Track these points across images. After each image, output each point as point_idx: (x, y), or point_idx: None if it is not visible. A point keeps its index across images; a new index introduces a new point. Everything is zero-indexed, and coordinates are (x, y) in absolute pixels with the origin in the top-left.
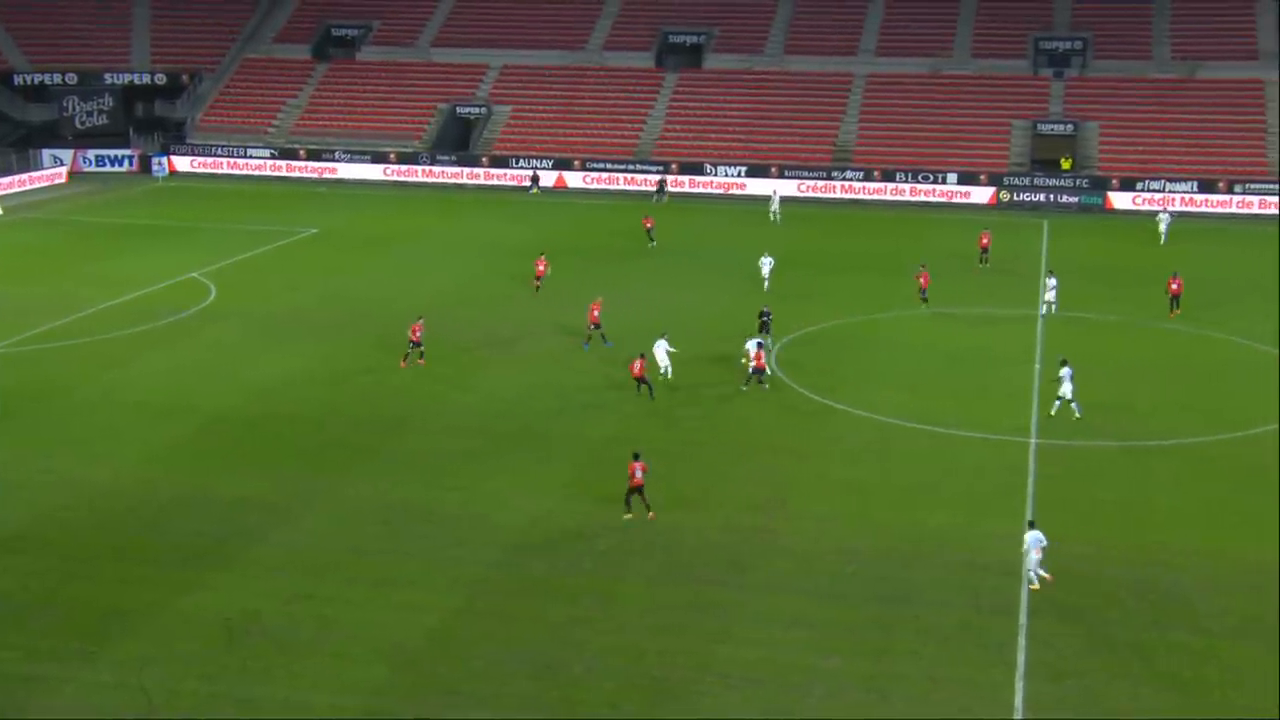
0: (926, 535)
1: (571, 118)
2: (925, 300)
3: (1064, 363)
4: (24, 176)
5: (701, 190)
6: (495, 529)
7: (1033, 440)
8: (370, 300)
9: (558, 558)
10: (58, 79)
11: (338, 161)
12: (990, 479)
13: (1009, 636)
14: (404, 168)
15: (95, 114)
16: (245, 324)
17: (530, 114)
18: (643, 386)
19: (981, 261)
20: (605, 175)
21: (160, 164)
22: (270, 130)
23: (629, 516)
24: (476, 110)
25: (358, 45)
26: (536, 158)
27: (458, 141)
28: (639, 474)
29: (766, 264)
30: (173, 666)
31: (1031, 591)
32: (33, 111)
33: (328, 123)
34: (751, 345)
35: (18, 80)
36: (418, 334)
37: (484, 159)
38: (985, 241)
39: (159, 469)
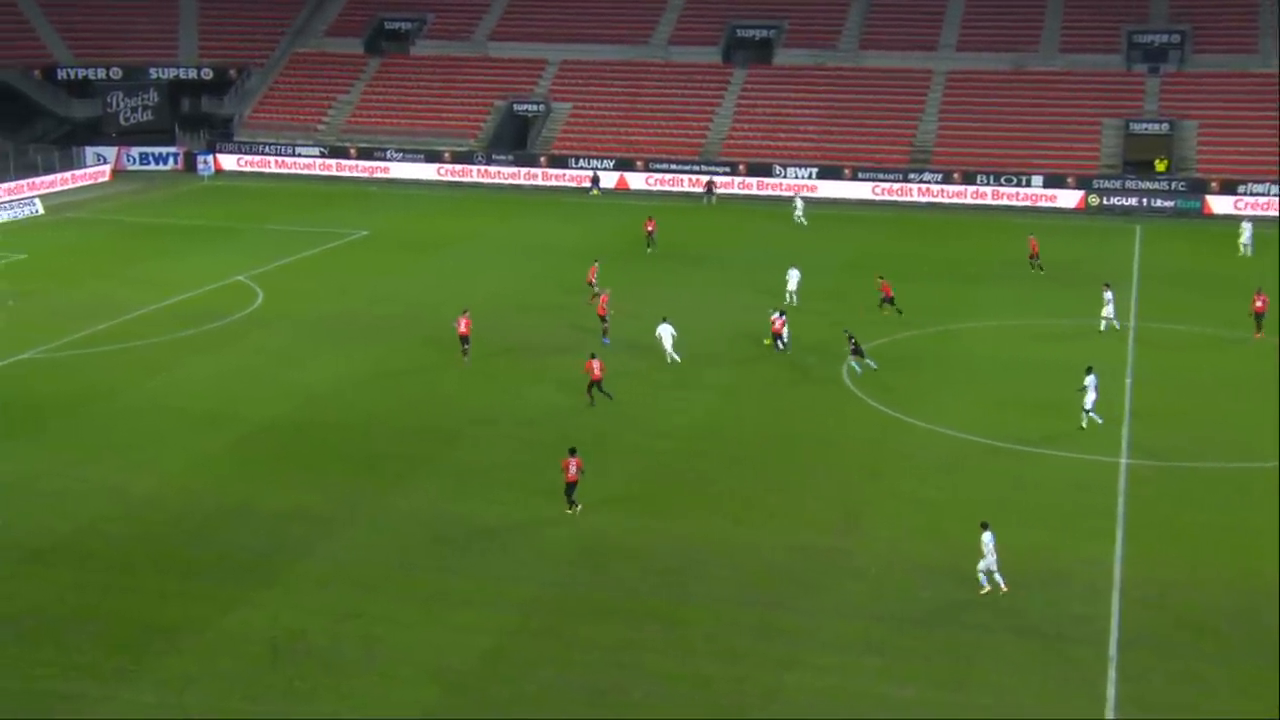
0: (1007, 559)
1: (634, 116)
2: (894, 308)
3: (1089, 371)
4: (67, 175)
5: (770, 193)
6: (550, 545)
7: (1123, 460)
8: (421, 305)
9: (616, 576)
10: (102, 74)
11: (390, 160)
12: (1076, 499)
13: (1097, 669)
14: (458, 167)
15: (140, 110)
16: (293, 329)
17: (591, 112)
18: (595, 391)
19: (1032, 267)
20: (669, 176)
21: (206, 162)
22: (320, 128)
23: (570, 512)
24: (535, 108)
25: (411, 39)
26: (597, 158)
27: (515, 140)
28: (573, 470)
29: (794, 276)
30: (215, 686)
31: (983, 595)
32: (76, 107)
33: (380, 120)
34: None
35: (61, 75)
36: (466, 327)
37: (542, 159)
38: (1034, 247)
39: (203, 479)
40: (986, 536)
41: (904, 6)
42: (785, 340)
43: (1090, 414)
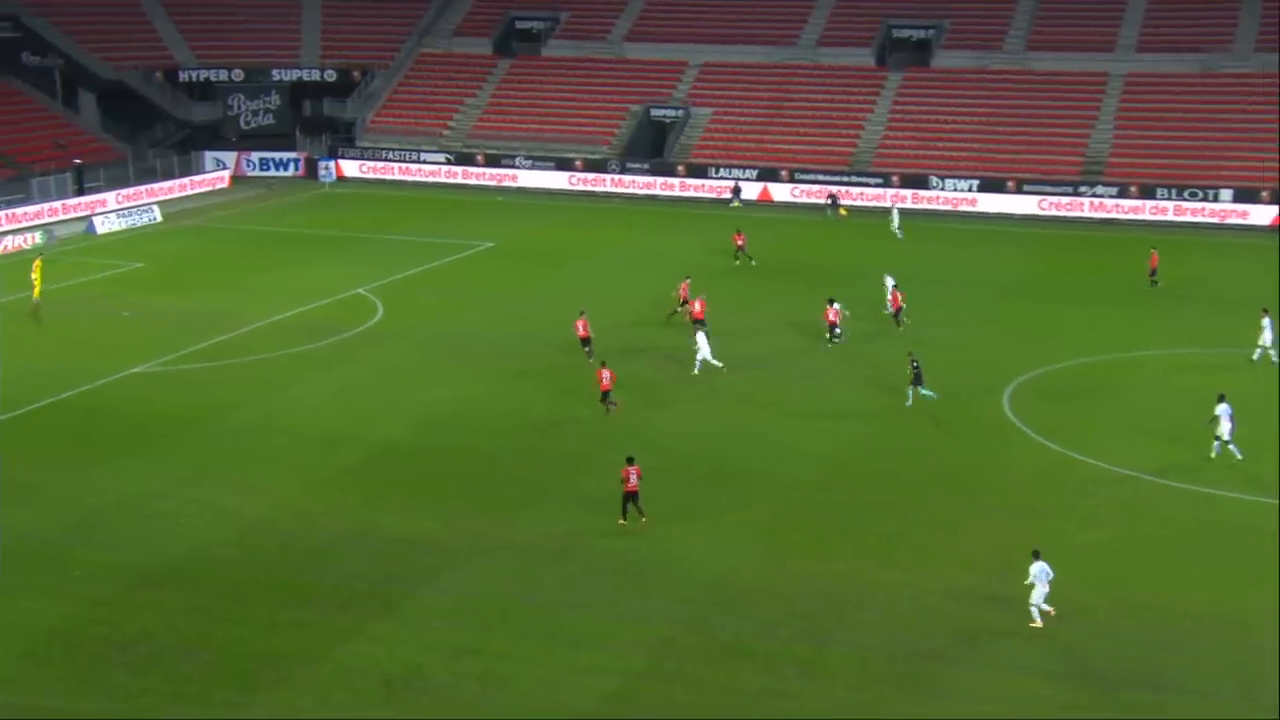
0: (1184, 610)
1: (779, 122)
2: (898, 321)
3: (1221, 399)
4: (185, 181)
5: (926, 206)
6: (683, 582)
7: None
8: (550, 321)
9: (753, 618)
10: (223, 75)
11: (518, 168)
12: (1261, 546)
13: None
14: (591, 176)
15: (261, 113)
16: (413, 346)
17: (733, 117)
18: (609, 400)
19: (1152, 284)
20: (816, 188)
21: (327, 168)
22: (446, 133)
23: (623, 523)
24: (673, 113)
25: (543, 39)
26: (739, 167)
27: (651, 147)
28: (633, 479)
29: (889, 284)
30: None
31: (1033, 629)
32: (196, 110)
33: (509, 125)
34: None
35: (183, 77)
36: (585, 330)
37: (680, 167)
38: (1154, 262)
39: (318, 503)
40: (1036, 567)
41: (1078, 3)
42: (839, 332)
43: (1229, 443)
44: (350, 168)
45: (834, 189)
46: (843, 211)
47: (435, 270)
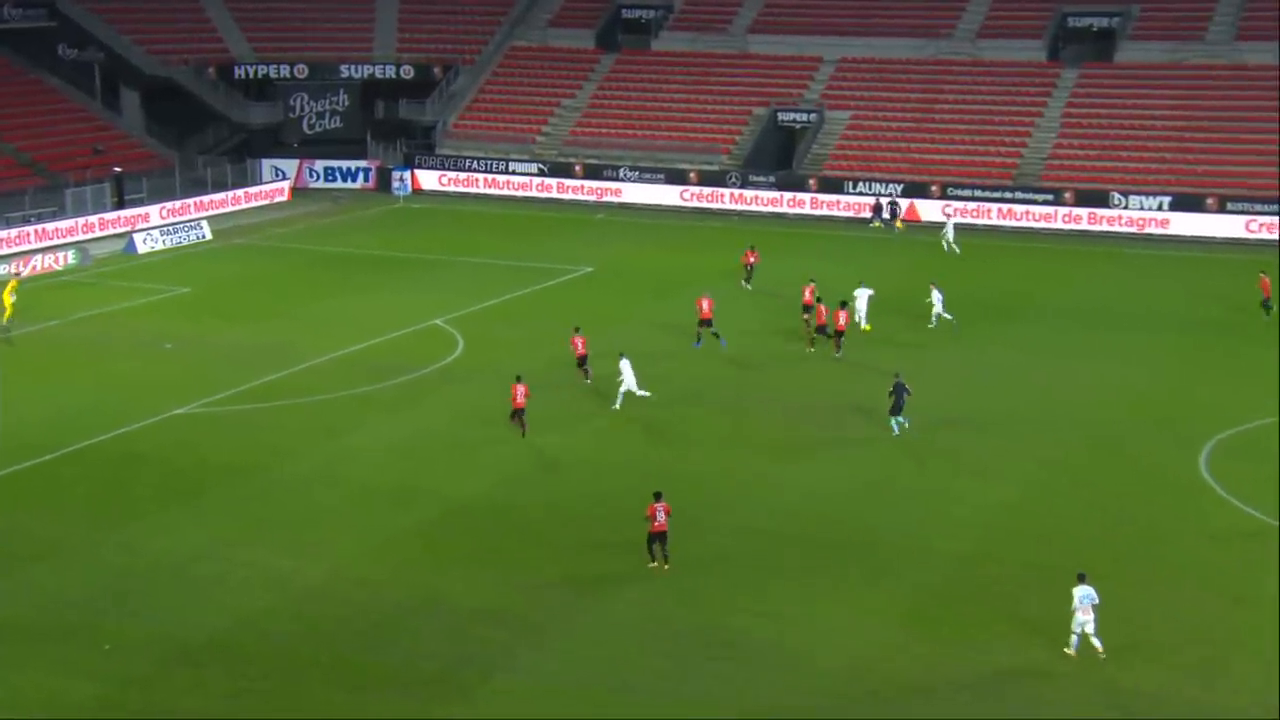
0: None
1: (930, 128)
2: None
3: None
4: (239, 193)
5: (1105, 228)
6: (811, 672)
7: None
8: (654, 359)
9: (896, 717)
10: (285, 72)
11: (622, 181)
12: None
13: None
14: (707, 190)
15: (327, 115)
16: (497, 386)
17: (875, 122)
18: (517, 418)
19: (1265, 313)
20: (973, 206)
21: (402, 179)
22: (539, 139)
23: (654, 566)
24: (804, 117)
25: (654, 31)
26: (881, 180)
27: (777, 158)
28: (661, 516)
29: (938, 298)
30: None
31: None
32: (253, 112)
33: (612, 131)
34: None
35: (239, 73)
36: (582, 348)
37: (811, 181)
38: (1266, 288)
39: (383, 568)
40: (1080, 591)
41: None
42: (829, 332)
43: None
44: (428, 179)
45: (893, 197)
46: (899, 225)
47: (524, 299)
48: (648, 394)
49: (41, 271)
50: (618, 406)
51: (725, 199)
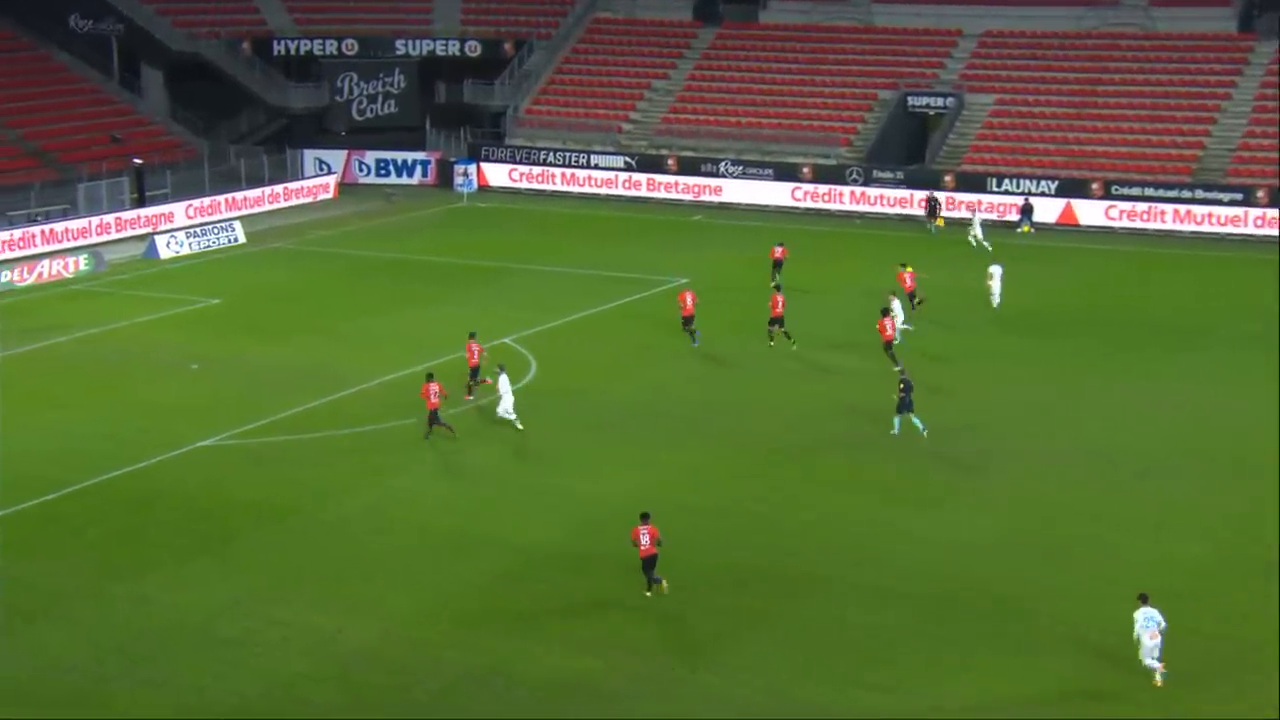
0: None
1: (1091, 115)
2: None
3: None
4: (278, 189)
5: None
6: None
7: None
8: (763, 386)
9: None
10: (331, 48)
11: (723, 177)
12: None
13: None
14: (823, 188)
15: (380, 99)
16: (574, 417)
17: (1024, 108)
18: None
19: None
20: (1144, 207)
21: (467, 174)
22: (626, 128)
23: (650, 594)
24: (939, 101)
25: (763, 1)
26: (1030, 177)
27: (907, 150)
28: (645, 540)
29: (996, 273)
30: None
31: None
32: (294, 95)
33: (711, 119)
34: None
35: (278, 49)
36: (475, 358)
37: (947, 177)
38: None
39: (441, 628)
40: (1142, 614)
41: None
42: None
43: None
44: (497, 173)
45: (934, 193)
46: (939, 222)
47: (608, 314)
48: (519, 425)
49: (49, 279)
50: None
51: (845, 198)
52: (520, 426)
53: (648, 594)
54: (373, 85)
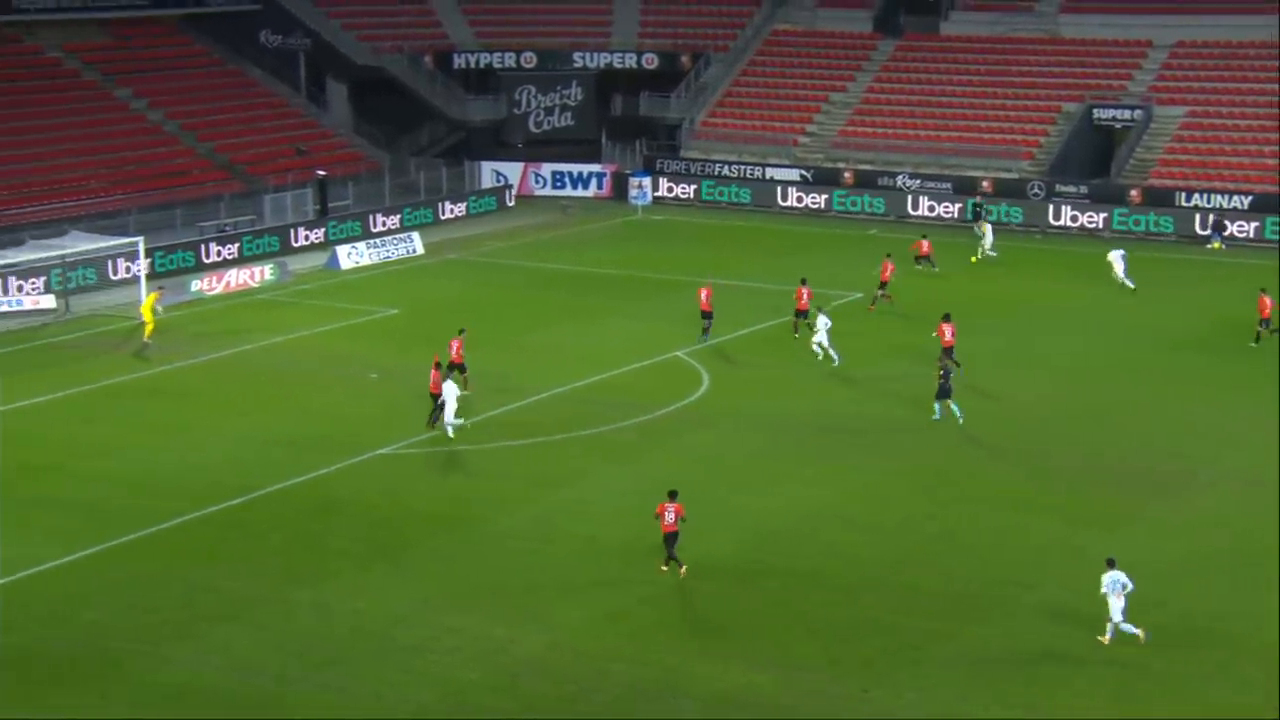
0: None
1: None
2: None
3: None
4: (460, 205)
5: None
6: None
7: None
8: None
9: None
10: (510, 61)
11: (901, 190)
12: None
13: None
14: (1004, 202)
15: (557, 111)
16: (748, 431)
17: (1217, 120)
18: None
19: (1266, 333)
20: None
21: (642, 186)
22: (803, 140)
23: (665, 569)
24: (1127, 114)
25: (944, 11)
26: (1222, 191)
27: (1092, 164)
28: (670, 516)
29: (1118, 259)
30: None
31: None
32: (473, 108)
33: (889, 131)
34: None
35: (458, 63)
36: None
37: (1133, 192)
38: (1264, 307)
39: (610, 640)
40: (1109, 577)
41: None
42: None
43: None
44: (672, 186)
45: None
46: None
47: (783, 328)
48: (460, 423)
49: (235, 288)
50: (452, 433)
51: (1025, 213)
52: (452, 435)
53: (664, 569)
54: (550, 98)
